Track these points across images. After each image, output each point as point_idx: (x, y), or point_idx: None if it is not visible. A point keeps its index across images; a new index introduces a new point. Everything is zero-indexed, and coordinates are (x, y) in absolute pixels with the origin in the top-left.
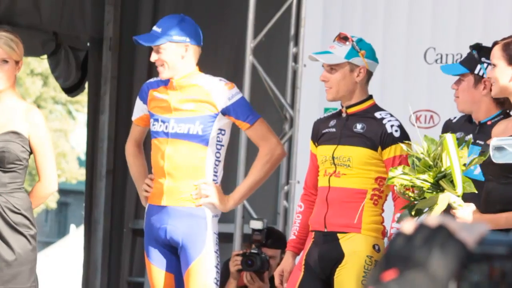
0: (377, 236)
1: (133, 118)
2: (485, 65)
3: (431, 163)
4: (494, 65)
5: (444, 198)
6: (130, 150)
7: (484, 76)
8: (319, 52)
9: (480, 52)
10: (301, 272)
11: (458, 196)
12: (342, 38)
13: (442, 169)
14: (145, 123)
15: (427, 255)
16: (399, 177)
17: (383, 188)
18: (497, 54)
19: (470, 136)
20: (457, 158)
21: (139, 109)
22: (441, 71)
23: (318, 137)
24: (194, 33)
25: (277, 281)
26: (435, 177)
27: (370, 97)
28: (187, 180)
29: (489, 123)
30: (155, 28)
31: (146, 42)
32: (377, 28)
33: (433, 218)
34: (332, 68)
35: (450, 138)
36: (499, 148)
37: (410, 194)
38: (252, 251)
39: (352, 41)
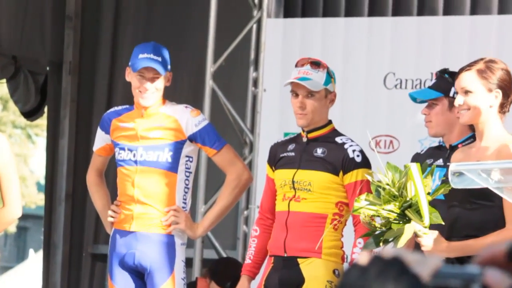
0: (337, 261)
1: (95, 148)
2: None
3: (396, 193)
4: (469, 92)
5: (410, 228)
6: (92, 179)
7: None
8: (300, 79)
9: (452, 76)
10: None
11: (425, 227)
12: (314, 64)
13: (408, 199)
14: (107, 153)
15: None
16: (366, 207)
17: (343, 213)
18: (473, 81)
19: (431, 161)
20: (422, 189)
21: (100, 139)
22: (409, 97)
23: (276, 161)
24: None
25: None
26: (400, 207)
27: (330, 122)
28: (157, 207)
29: (459, 146)
30: (153, 56)
31: (161, 70)
32: (337, 53)
33: (388, 250)
34: (310, 94)
35: (415, 167)
36: (458, 174)
37: (377, 224)
38: None
39: (326, 67)
